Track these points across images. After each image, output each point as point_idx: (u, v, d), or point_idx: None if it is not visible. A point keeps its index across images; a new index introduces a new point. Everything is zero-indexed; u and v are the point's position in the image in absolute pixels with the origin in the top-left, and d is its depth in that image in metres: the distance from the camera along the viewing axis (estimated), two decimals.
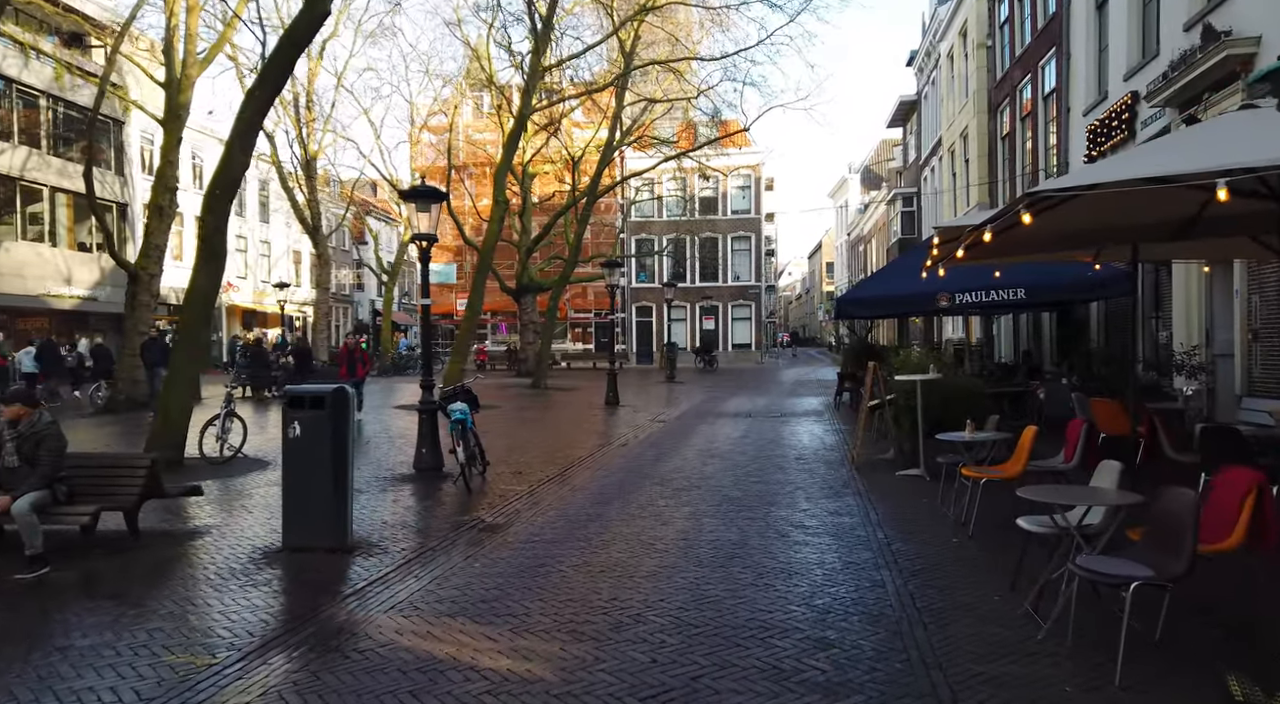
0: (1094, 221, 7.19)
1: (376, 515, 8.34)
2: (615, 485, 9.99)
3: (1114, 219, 7.11)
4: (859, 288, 15.85)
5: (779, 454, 12.36)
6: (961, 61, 27.04)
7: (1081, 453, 7.15)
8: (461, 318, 20.82)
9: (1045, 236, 7.64)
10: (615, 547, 7.04)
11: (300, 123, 29.09)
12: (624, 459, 12.16)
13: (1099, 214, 6.85)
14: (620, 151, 40.76)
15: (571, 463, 11.78)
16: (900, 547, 6.79)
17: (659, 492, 9.51)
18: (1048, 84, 18.65)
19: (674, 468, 11.23)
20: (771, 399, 23.32)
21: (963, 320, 28.80)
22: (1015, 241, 7.49)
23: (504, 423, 17.01)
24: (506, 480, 10.37)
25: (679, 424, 16.97)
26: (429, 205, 10.43)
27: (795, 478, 10.27)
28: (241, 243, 43.47)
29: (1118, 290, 12.74)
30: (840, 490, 9.34)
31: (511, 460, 12.01)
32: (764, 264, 52.38)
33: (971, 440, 7.59)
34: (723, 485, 9.84)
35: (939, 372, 10.09)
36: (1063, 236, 7.79)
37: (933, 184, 33.76)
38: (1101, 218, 7.00)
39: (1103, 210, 6.64)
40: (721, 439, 14.25)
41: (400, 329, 53.97)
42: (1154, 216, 7.02)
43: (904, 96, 39.05)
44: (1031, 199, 4.48)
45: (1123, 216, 7.05)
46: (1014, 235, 7.19)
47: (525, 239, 33.20)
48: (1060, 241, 8.05)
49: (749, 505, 8.63)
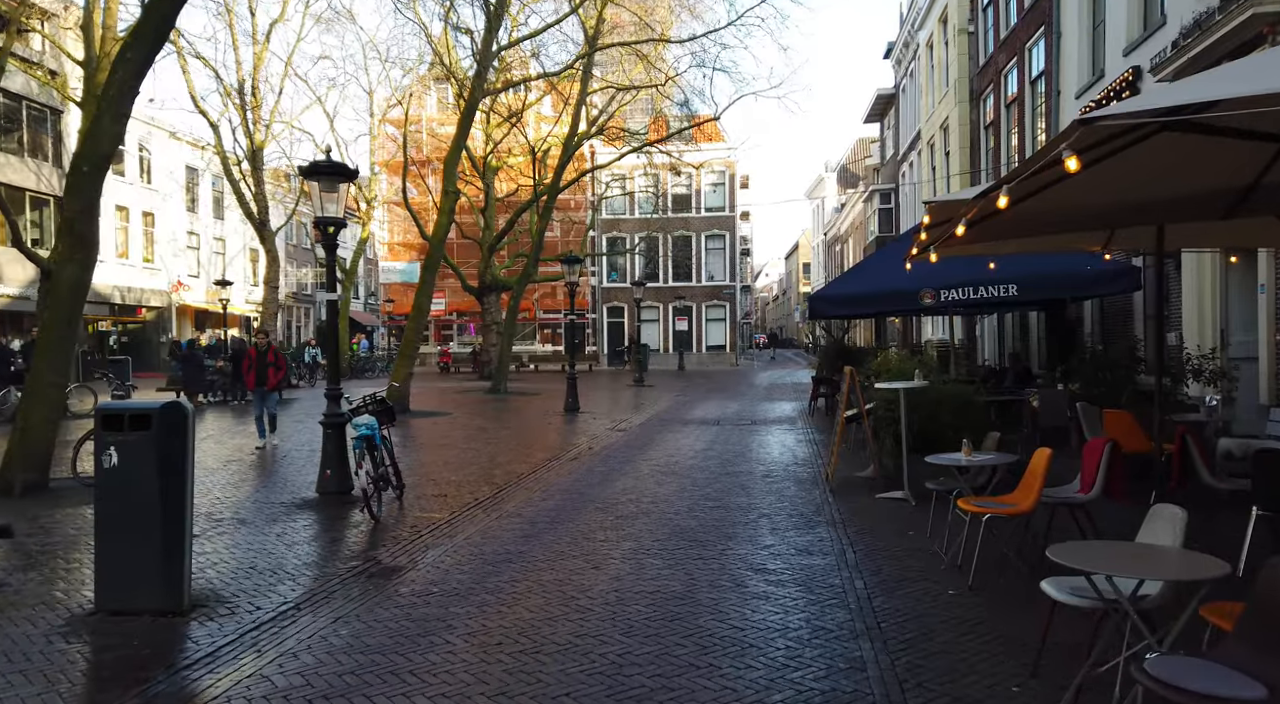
0: (1114, 196, 5.86)
1: (248, 557, 6.84)
2: (551, 511, 8.56)
3: (1142, 192, 5.78)
4: (834, 284, 14.53)
5: (745, 470, 10.97)
6: (941, 49, 25.86)
7: (1104, 481, 5.81)
8: (408, 322, 19.27)
9: (1051, 217, 6.31)
10: (529, 602, 5.60)
11: (245, 111, 27.35)
12: (570, 477, 10.73)
13: (1125, 185, 5.52)
14: (591, 147, 39.44)
15: (510, 481, 10.34)
16: (884, 603, 5.41)
17: (600, 520, 8.08)
18: (1035, 67, 17.44)
19: (624, 488, 9.81)
20: (743, 404, 21.97)
21: (944, 320, 27.59)
22: (1020, 222, 6.16)
23: (448, 433, 15.51)
24: (427, 505, 8.91)
25: (640, 433, 15.57)
26: (335, 185, 8.95)
27: (761, 501, 8.88)
28: (194, 240, 41.60)
29: (1120, 286, 11.49)
30: (812, 519, 7.95)
31: (442, 479, 10.55)
32: (739, 263, 51.08)
33: (968, 464, 6.24)
34: (676, 511, 8.43)
35: (925, 378, 8.75)
36: (1072, 217, 6.47)
37: (911, 180, 32.60)
38: (1127, 189, 5.68)
39: (1132, 178, 5.31)
40: (683, 452, 12.85)
41: (365, 330, 52.19)
42: (1194, 187, 5.69)
43: (881, 90, 37.93)
44: (1087, 125, 3.09)
45: (1153, 189, 5.73)
46: (1017, 215, 5.85)
47: (488, 235, 31.68)
48: (1068, 223, 6.74)
49: (703, 540, 7.22)
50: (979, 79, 22.11)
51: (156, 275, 37.94)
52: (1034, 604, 5.07)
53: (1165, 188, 5.77)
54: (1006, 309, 16.60)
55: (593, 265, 46.21)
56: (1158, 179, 5.52)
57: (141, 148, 37.18)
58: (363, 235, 37.09)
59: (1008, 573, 5.83)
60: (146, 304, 37.50)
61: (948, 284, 11.58)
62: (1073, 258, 12.19)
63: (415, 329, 18.57)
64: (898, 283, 12.22)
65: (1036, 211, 5.88)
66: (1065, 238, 7.60)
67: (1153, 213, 6.53)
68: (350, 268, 37.66)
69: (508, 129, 28.72)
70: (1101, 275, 11.51)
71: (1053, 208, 5.88)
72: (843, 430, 9.68)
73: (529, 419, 18.48)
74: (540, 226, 25.66)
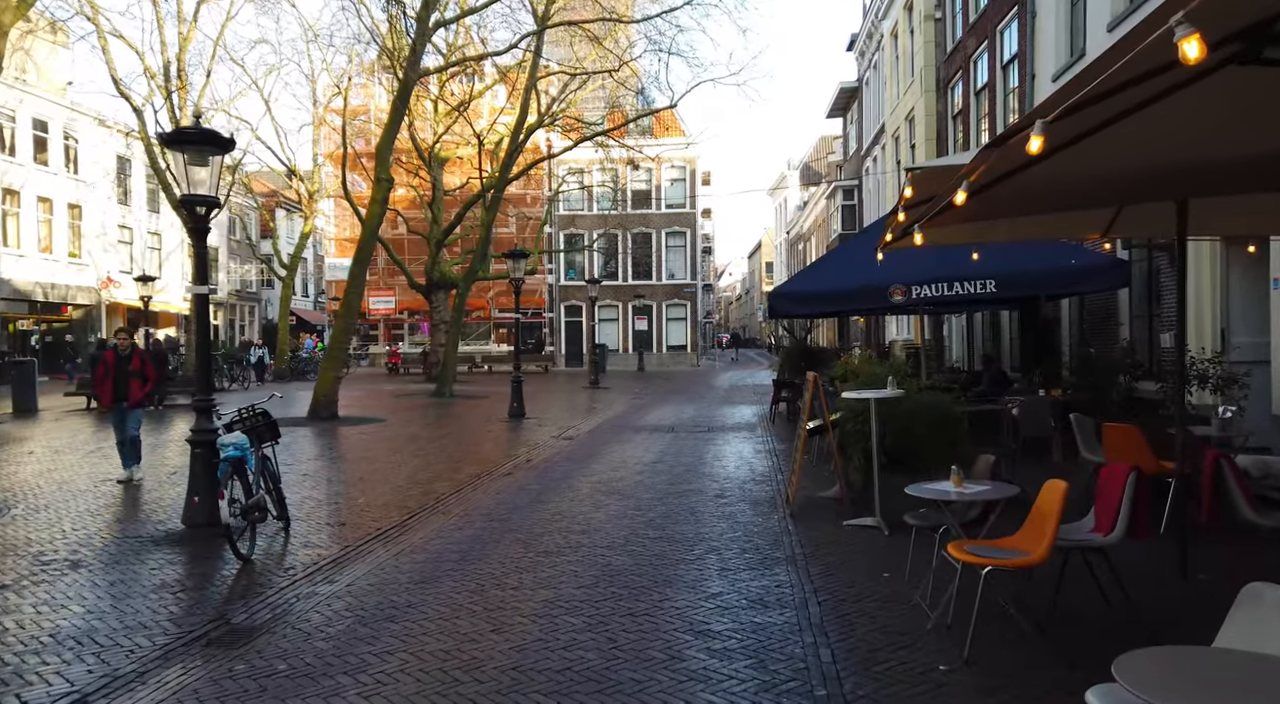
0: (1138, 160, 4.70)
1: (55, 618, 5.41)
2: (464, 545, 7.22)
3: (1166, 153, 4.62)
4: (796, 280, 13.37)
5: (696, 489, 9.72)
6: (907, 38, 24.90)
7: (1129, 519, 4.64)
8: (336, 318, 17.74)
9: (1057, 189, 5.14)
10: (397, 689, 4.27)
11: (171, 95, 25.47)
12: (497, 497, 9.39)
13: (1147, 142, 4.36)
14: (549, 141, 37.96)
15: (426, 504, 8.97)
16: (858, 686, 4.16)
17: (518, 559, 6.76)
18: (1008, 50, 16.44)
19: (555, 513, 8.49)
20: (701, 408, 20.76)
21: (909, 320, 26.68)
22: (1021, 193, 4.97)
23: (373, 444, 14.06)
24: (317, 538, 7.52)
25: (587, 442, 14.26)
26: (205, 157, 7.51)
27: (711, 529, 7.63)
28: (126, 234, 39.38)
29: (1108, 282, 10.46)
30: (769, 555, 6.71)
31: (349, 501, 9.15)
32: (700, 262, 49.96)
33: (958, 496, 5.02)
34: (610, 544, 7.14)
35: (899, 385, 7.56)
36: (1080, 189, 5.31)
37: (875, 175, 31.68)
38: (1156, 149, 4.51)
39: (1156, 132, 4.14)
40: (630, 465, 11.57)
41: (314, 330, 50.15)
42: (1234, 149, 4.52)
43: (844, 83, 37.03)
44: None
45: (1181, 147, 4.56)
46: (1019, 187, 4.66)
47: (436, 230, 30.10)
48: (1072, 197, 5.58)
49: (637, 586, 5.94)
50: (946, 67, 21.13)
51: (84, 271, 35.77)
52: (1056, 691, 3.86)
53: (1197, 146, 4.60)
54: (982, 307, 15.58)
55: (550, 263, 44.77)
56: (1193, 131, 4.34)
57: (67, 136, 34.99)
58: (305, 229, 35.26)
59: (1011, 636, 4.63)
60: (73, 302, 35.32)
61: (920, 280, 10.46)
62: (1055, 253, 11.13)
63: (343, 328, 17.06)
64: (865, 279, 11.07)
65: (1042, 181, 4.70)
66: (1066, 218, 6.47)
67: (1174, 184, 5.38)
68: (292, 263, 35.85)
69: (454, 118, 27.20)
70: (1088, 271, 10.46)
71: (1060, 176, 4.71)
72: (804, 444, 8.46)
73: (468, 426, 17.07)
74: (488, 220, 24.18)
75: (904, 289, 10.58)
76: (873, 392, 7.45)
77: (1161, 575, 5.68)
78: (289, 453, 12.74)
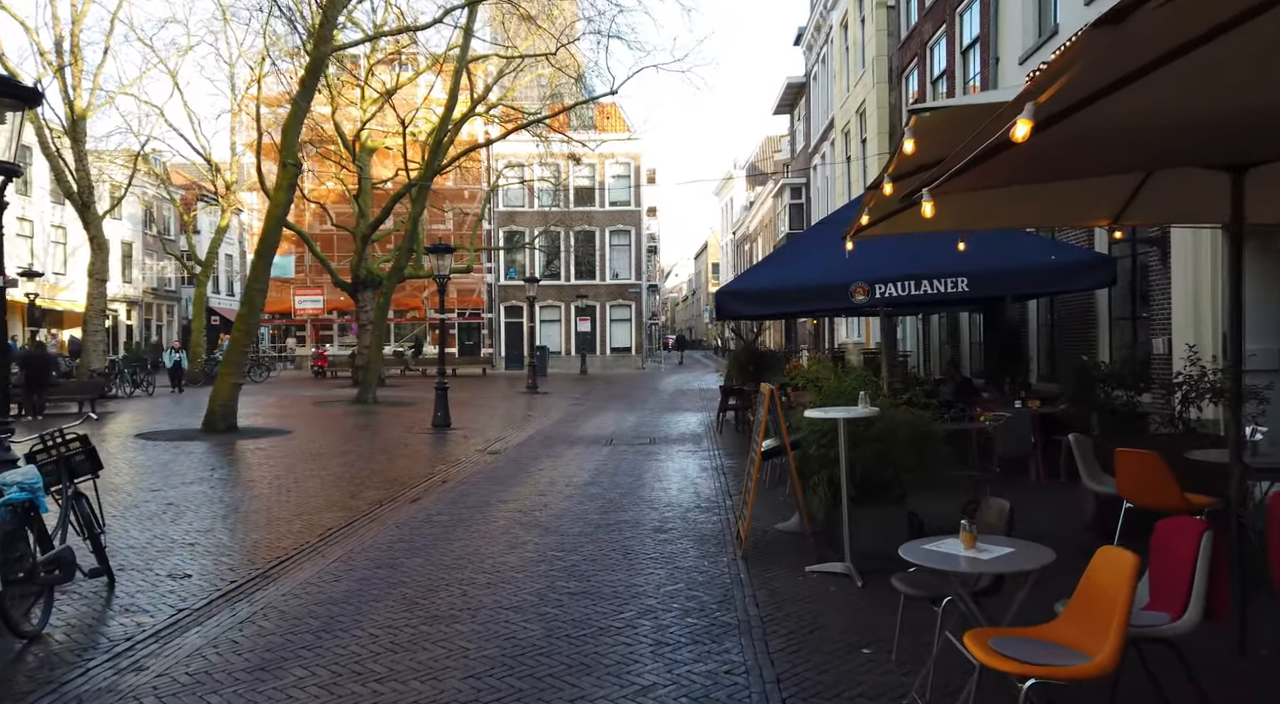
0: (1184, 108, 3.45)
1: None
2: (333, 605, 5.70)
3: (1228, 101, 3.38)
4: (746, 277, 12.09)
5: (631, 520, 8.32)
6: (857, 28, 23.91)
7: (1205, 598, 3.38)
8: (236, 319, 15.93)
9: (1083, 151, 3.90)
10: None
11: (63, 72, 23.18)
12: (394, 532, 7.86)
13: (1209, 87, 3.12)
14: (487, 134, 36.22)
15: (303, 544, 7.41)
16: None
17: (398, 626, 5.27)
18: (968, 34, 15.43)
19: (459, 555, 7.01)
20: (643, 416, 19.40)
21: (859, 322, 25.73)
22: (1041, 155, 3.70)
23: (265, 463, 12.35)
24: (147, 598, 5.91)
25: (515, 457, 12.77)
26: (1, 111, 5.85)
27: (646, 580, 6.23)
28: (26, 228, 36.45)
29: (1094, 281, 9.35)
30: (717, 619, 5.33)
31: (209, 541, 7.53)
32: (645, 261, 48.66)
33: (971, 565, 3.69)
34: (519, 603, 5.69)
35: (872, 401, 6.25)
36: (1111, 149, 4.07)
37: (824, 172, 30.73)
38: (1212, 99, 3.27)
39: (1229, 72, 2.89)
40: (559, 488, 10.13)
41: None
42: None
43: (792, 79, 36.06)
44: None
45: (1251, 94, 3.32)
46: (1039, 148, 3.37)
47: (363, 224, 28.19)
48: (1098, 160, 4.35)
49: (544, 674, 4.51)
50: (900, 55, 20.13)
51: None
52: None
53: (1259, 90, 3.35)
54: (944, 309, 14.49)
55: (489, 261, 42.99)
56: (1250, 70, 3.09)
57: None
58: (221, 223, 32.96)
59: None
60: None
61: (885, 277, 9.25)
62: (1032, 248, 10.02)
63: (244, 329, 15.24)
64: (823, 276, 9.83)
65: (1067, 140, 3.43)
66: (1078, 194, 5.24)
67: (1233, 145, 4.17)
68: (208, 258, 33.54)
69: (380, 105, 25.40)
70: (1070, 268, 9.34)
71: (1092, 133, 3.45)
72: (758, 470, 7.12)
73: (386, 439, 15.41)
74: (415, 213, 22.46)
75: (866, 288, 9.36)
76: (842, 410, 6.14)
77: (1212, 651, 4.46)
78: (161, 475, 11.01)
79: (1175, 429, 7.15)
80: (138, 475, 11.04)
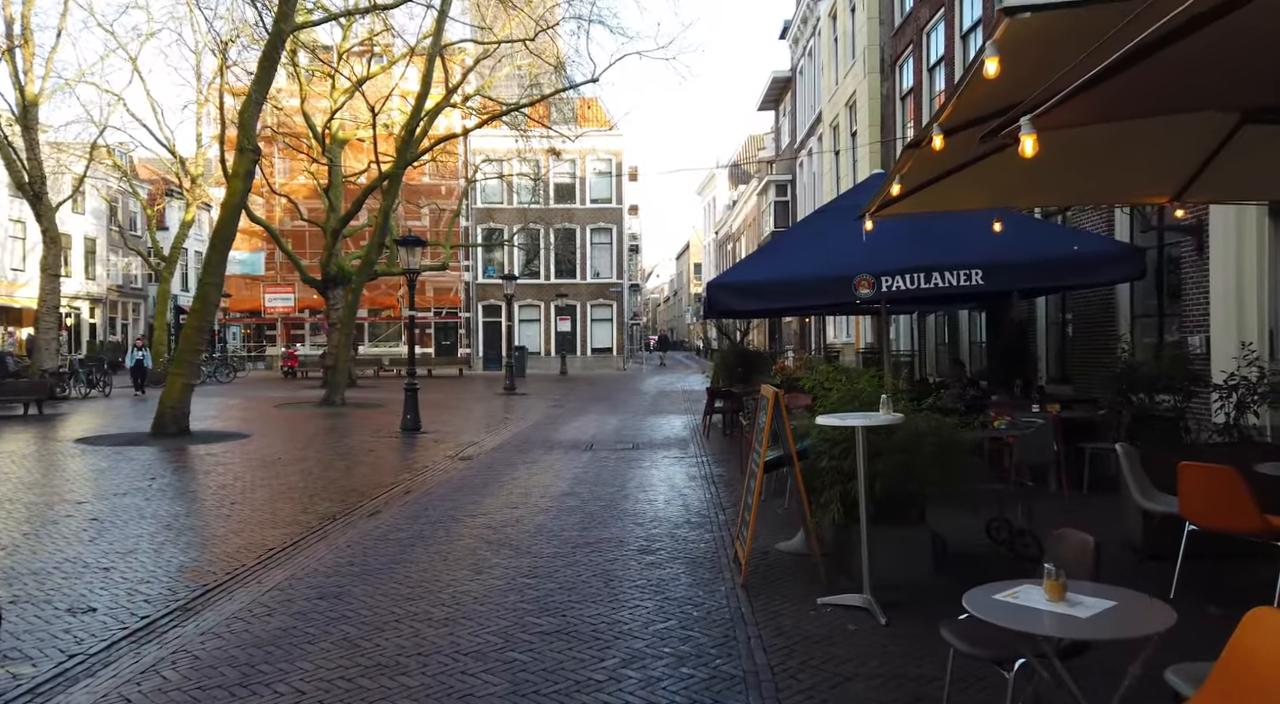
0: None
1: None
2: (257, 649, 4.75)
3: None
4: (739, 269, 11.22)
5: (614, 538, 7.41)
6: (847, 17, 23.15)
7: None
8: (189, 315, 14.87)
9: (1171, 89, 3.06)
10: None
11: (13, 54, 21.94)
12: (345, 553, 6.91)
13: None
14: (464, 127, 35.18)
15: (237, 568, 6.45)
16: None
17: (329, 681, 4.33)
18: (968, 18, 14.67)
19: (416, 582, 6.08)
20: (626, 418, 18.49)
21: (848, 321, 24.93)
22: (1128, 92, 2.85)
23: (215, 471, 11.32)
24: (34, 639, 4.94)
25: (487, 464, 11.83)
26: None
27: (632, 617, 5.32)
28: None
29: (1120, 273, 8.55)
30: (718, 669, 4.43)
31: (130, 565, 6.53)
32: (627, 260, 47.74)
33: (1062, 626, 2.81)
34: (480, 647, 4.77)
35: (894, 406, 5.38)
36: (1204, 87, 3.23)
37: (810, 168, 29.98)
38: None
39: None
40: (534, 499, 9.20)
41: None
42: None
43: (777, 73, 35.32)
44: None
45: None
46: (1128, 83, 2.52)
47: (333, 219, 27.08)
48: (1189, 96, 3.51)
49: None
50: (894, 43, 19.36)
51: None
52: None
53: None
54: (952, 306, 13.67)
55: (467, 259, 41.91)
56: None
57: None
58: (186, 217, 31.71)
59: None
60: None
61: (892, 269, 8.40)
62: (1051, 238, 9.23)
63: (196, 327, 14.19)
64: (822, 268, 8.98)
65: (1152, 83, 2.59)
66: (1145, 165, 4.41)
67: None
68: (172, 254, 32.28)
69: (351, 94, 24.34)
70: (1096, 259, 8.51)
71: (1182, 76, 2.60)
72: (760, 486, 6.23)
73: (350, 444, 14.40)
74: (386, 207, 21.44)
75: (871, 280, 8.50)
76: (861, 416, 5.26)
77: None
78: (93, 485, 9.98)
79: (1229, 438, 6.35)
80: (65, 485, 10.01)
